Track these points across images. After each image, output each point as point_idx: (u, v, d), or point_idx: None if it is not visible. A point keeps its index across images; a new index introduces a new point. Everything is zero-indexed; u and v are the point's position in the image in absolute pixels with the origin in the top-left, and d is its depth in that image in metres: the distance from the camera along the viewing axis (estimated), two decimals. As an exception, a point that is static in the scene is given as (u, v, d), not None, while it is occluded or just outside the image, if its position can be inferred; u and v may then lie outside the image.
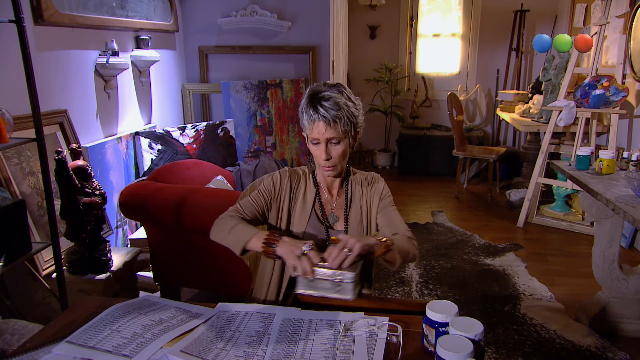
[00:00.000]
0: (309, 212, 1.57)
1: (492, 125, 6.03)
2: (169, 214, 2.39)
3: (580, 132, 3.81)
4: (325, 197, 1.61)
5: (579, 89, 3.71)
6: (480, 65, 5.93)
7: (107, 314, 1.20)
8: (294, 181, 1.61)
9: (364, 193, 1.62)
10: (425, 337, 1.12)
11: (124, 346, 1.07)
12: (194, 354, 1.06)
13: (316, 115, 1.42)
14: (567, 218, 4.17)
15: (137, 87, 3.65)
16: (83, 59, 2.98)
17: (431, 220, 4.29)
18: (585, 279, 3.18)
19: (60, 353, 1.05)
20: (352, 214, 1.59)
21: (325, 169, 1.51)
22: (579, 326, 2.64)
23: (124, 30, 3.41)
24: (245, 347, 1.11)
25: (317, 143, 1.47)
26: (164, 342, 1.09)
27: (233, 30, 4.41)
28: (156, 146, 3.58)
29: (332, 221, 1.59)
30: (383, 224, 1.58)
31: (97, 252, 2.48)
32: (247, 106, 4.35)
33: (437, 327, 1.08)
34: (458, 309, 1.09)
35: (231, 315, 1.26)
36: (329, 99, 1.42)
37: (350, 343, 1.13)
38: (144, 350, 1.05)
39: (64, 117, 2.81)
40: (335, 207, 1.61)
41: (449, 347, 0.96)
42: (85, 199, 2.39)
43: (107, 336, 1.10)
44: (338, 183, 1.61)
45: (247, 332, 1.18)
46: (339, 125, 1.43)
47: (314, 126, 1.43)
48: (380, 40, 6.01)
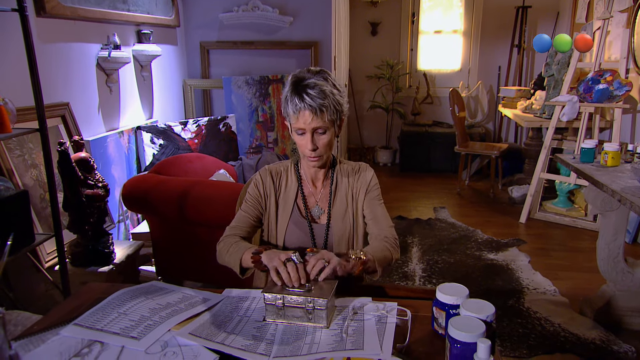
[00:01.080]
0: (291, 207, 1.54)
1: (493, 122, 6.03)
2: (172, 206, 2.39)
3: (583, 127, 3.80)
4: (309, 189, 1.57)
5: (582, 84, 3.71)
6: (481, 62, 5.92)
7: (114, 297, 1.19)
8: (275, 177, 1.57)
9: (350, 184, 1.57)
10: (436, 320, 1.11)
11: (131, 328, 1.06)
12: (202, 336, 1.05)
13: (302, 104, 1.37)
14: (569, 214, 4.16)
15: (138, 82, 3.64)
16: (85, 52, 2.98)
17: (433, 216, 4.28)
18: (589, 274, 3.18)
19: (68, 335, 1.04)
20: (337, 206, 1.54)
21: (310, 159, 1.47)
22: (584, 319, 2.63)
23: (125, 24, 3.41)
24: (253, 331, 1.11)
25: (303, 133, 1.42)
26: (172, 324, 1.09)
27: (234, 25, 4.40)
28: (158, 141, 3.57)
29: (317, 214, 1.55)
30: (369, 218, 1.54)
31: (100, 244, 2.47)
32: (248, 102, 4.34)
33: (448, 309, 1.07)
34: (468, 291, 1.09)
35: (239, 300, 1.26)
36: (314, 86, 1.37)
37: (360, 327, 1.12)
38: (152, 332, 1.04)
39: (66, 109, 2.80)
40: (320, 199, 1.56)
41: (460, 328, 0.95)
42: (88, 191, 2.39)
43: (115, 319, 1.10)
44: (323, 174, 1.57)
45: (255, 316, 1.17)
46: (325, 114, 1.38)
47: (300, 116, 1.38)
48: (381, 36, 6.00)
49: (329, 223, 1.53)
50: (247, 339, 1.07)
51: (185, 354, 0.98)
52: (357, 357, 0.98)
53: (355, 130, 6.15)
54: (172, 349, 1.00)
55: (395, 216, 4.18)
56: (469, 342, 0.93)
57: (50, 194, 2.14)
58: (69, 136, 2.78)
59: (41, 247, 2.39)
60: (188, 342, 1.03)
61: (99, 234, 2.48)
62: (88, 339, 1.03)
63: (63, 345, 1.01)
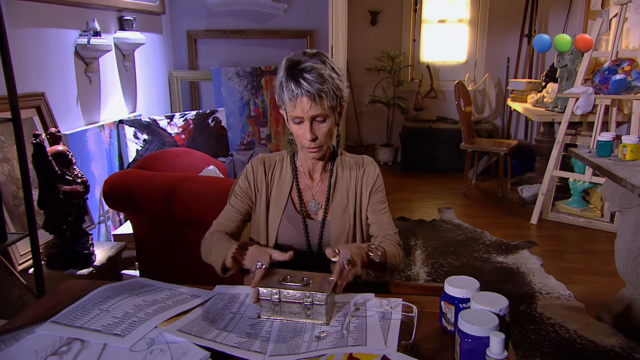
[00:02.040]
0: (285, 201, 1.52)
1: (502, 118, 6.05)
2: (157, 204, 2.37)
3: (599, 121, 3.81)
4: (305, 182, 1.55)
5: (598, 74, 3.72)
6: (489, 53, 5.94)
7: (95, 294, 1.18)
8: (269, 167, 1.55)
9: (351, 178, 1.54)
10: (444, 316, 1.10)
11: (114, 325, 1.05)
12: (192, 333, 1.04)
13: (299, 90, 1.33)
14: (584, 214, 4.17)
15: (120, 72, 3.63)
16: (62, 39, 2.96)
17: (438, 217, 4.29)
18: (606, 277, 3.18)
19: (44, 333, 1.03)
20: (336, 202, 1.52)
21: (309, 150, 1.44)
22: (602, 325, 2.63)
23: (106, 10, 3.39)
24: (247, 328, 1.10)
25: (300, 122, 1.40)
26: (159, 321, 1.08)
27: (224, 12, 4.40)
28: (142, 136, 3.55)
29: (313, 209, 1.53)
30: (373, 221, 1.53)
31: (79, 245, 2.45)
32: (239, 95, 4.34)
33: (457, 303, 1.07)
34: (479, 284, 1.08)
35: (231, 296, 1.25)
36: (311, 70, 1.34)
37: (362, 324, 1.11)
38: (137, 329, 1.03)
39: (42, 100, 2.78)
40: (317, 194, 1.54)
41: (471, 321, 0.94)
42: (65, 187, 2.37)
43: (96, 316, 1.08)
44: (321, 166, 1.54)
45: (248, 313, 1.17)
46: (324, 101, 1.35)
47: (297, 103, 1.36)
48: (381, 26, 6.01)
49: (324, 219, 1.51)
50: (241, 337, 1.06)
51: (173, 351, 0.97)
52: (360, 354, 0.98)
53: (354, 126, 6.15)
54: (159, 346, 0.99)
55: (397, 217, 4.17)
56: (481, 336, 0.92)
57: (24, 190, 2.13)
58: (45, 129, 2.76)
59: (14, 247, 2.37)
60: (176, 339, 1.02)
61: (77, 234, 2.47)
62: (67, 337, 1.01)
63: (39, 344, 0.99)
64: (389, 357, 0.97)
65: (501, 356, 0.89)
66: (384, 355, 0.98)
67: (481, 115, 5.98)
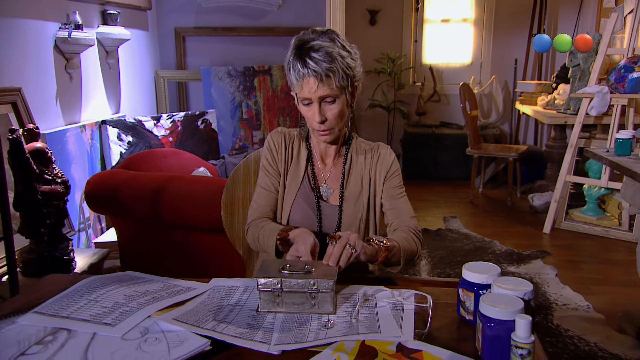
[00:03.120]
0: (301, 179, 1.56)
1: (510, 123, 6.08)
2: (144, 205, 2.36)
3: (615, 122, 3.84)
4: (318, 166, 1.58)
5: (614, 72, 3.76)
6: (495, 55, 5.99)
7: (81, 285, 1.16)
8: (289, 141, 1.59)
9: (366, 163, 1.56)
10: (462, 305, 1.09)
11: (104, 315, 1.03)
12: (189, 322, 1.02)
13: (305, 70, 1.37)
14: (601, 223, 4.18)
15: (103, 70, 3.62)
16: (40, 31, 2.96)
17: (443, 226, 4.28)
18: (627, 288, 3.18)
19: (27, 323, 1.01)
20: (350, 188, 1.55)
21: (320, 133, 1.47)
22: (624, 338, 2.62)
23: (88, 2, 3.40)
24: (248, 319, 1.08)
25: (309, 103, 1.43)
26: (152, 311, 1.06)
27: (215, 8, 4.42)
28: (126, 137, 3.54)
29: (325, 194, 1.56)
30: (388, 207, 1.55)
31: (58, 250, 2.42)
32: (231, 96, 4.34)
33: (477, 290, 1.05)
34: (500, 270, 1.07)
35: (228, 289, 1.23)
36: (319, 49, 1.37)
37: (373, 314, 1.10)
38: (129, 319, 1.01)
39: (18, 95, 2.77)
40: (330, 179, 1.57)
41: (495, 304, 0.93)
42: (44, 187, 2.35)
43: (84, 306, 1.06)
44: (334, 150, 1.57)
45: (249, 305, 1.15)
46: (332, 80, 1.38)
47: (304, 83, 1.39)
48: (381, 26, 6.06)
49: (341, 207, 1.53)
50: (242, 327, 1.04)
51: (169, 339, 0.95)
52: (374, 341, 0.96)
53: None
54: (153, 335, 0.97)
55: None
56: (506, 319, 0.91)
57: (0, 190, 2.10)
58: (21, 126, 2.74)
59: (-13, 253, 2.34)
60: (172, 327, 1.00)
61: (56, 238, 2.44)
62: (52, 327, 0.99)
63: (21, 334, 0.97)
64: (405, 344, 0.96)
65: (528, 340, 0.88)
66: (400, 342, 0.96)
67: (487, 120, 6.02)
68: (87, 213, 3.28)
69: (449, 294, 1.18)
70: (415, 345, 0.95)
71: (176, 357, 0.89)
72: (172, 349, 0.92)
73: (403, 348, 0.94)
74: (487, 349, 0.93)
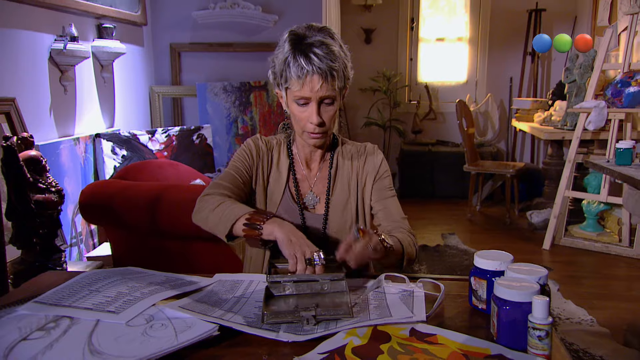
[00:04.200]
0: (282, 189, 1.47)
1: (506, 141, 6.12)
2: (141, 214, 2.33)
3: (613, 136, 3.88)
4: (302, 172, 1.51)
5: (610, 87, 3.81)
6: (490, 73, 6.07)
7: (82, 277, 1.14)
8: (269, 148, 1.52)
9: (353, 168, 1.50)
10: (474, 294, 1.08)
11: (107, 304, 1.01)
12: (195, 310, 1.01)
13: (310, 67, 1.29)
14: (601, 239, 4.18)
15: (98, 83, 3.63)
16: (36, 42, 2.97)
17: (442, 242, 4.27)
18: (631, 303, 3.17)
19: (27, 312, 0.99)
20: (336, 195, 1.48)
21: (313, 135, 1.40)
22: (631, 351, 2.60)
23: (84, 16, 3.43)
24: (255, 310, 1.06)
25: (305, 103, 1.35)
26: (156, 300, 1.04)
27: (211, 24, 4.47)
28: (120, 151, 3.53)
29: (310, 203, 1.48)
30: (378, 209, 1.49)
31: (50, 261, 2.39)
32: (226, 111, 4.36)
33: (490, 277, 1.05)
34: (513, 257, 1.07)
35: (233, 283, 1.22)
36: (321, 45, 1.31)
37: (382, 302, 1.09)
38: (134, 307, 1.00)
39: (12, 106, 2.76)
40: (316, 186, 1.50)
41: (510, 286, 0.93)
42: (38, 196, 2.33)
43: (86, 296, 1.05)
44: (319, 155, 1.51)
45: (255, 297, 1.13)
46: (335, 81, 1.33)
47: (306, 81, 1.31)
48: (376, 45, 6.13)
49: (327, 215, 1.46)
50: (249, 317, 1.02)
51: (176, 325, 0.94)
52: (386, 326, 0.95)
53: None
54: (159, 321, 0.95)
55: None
56: (522, 302, 0.90)
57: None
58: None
59: (-21, 263, 2.30)
60: (179, 314, 0.98)
61: (49, 249, 2.41)
62: (53, 315, 0.97)
63: (22, 321, 0.95)
64: (418, 329, 0.94)
65: (546, 321, 0.87)
66: (413, 327, 0.95)
67: (484, 138, 6.06)
68: (79, 228, 3.25)
69: (459, 286, 1.18)
70: (429, 330, 0.94)
71: (184, 340, 0.88)
72: (179, 334, 0.90)
73: (416, 332, 0.93)
74: (503, 333, 0.92)
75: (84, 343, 0.87)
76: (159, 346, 0.86)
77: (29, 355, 0.83)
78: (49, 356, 0.83)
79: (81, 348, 0.85)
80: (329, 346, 0.89)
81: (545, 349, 0.87)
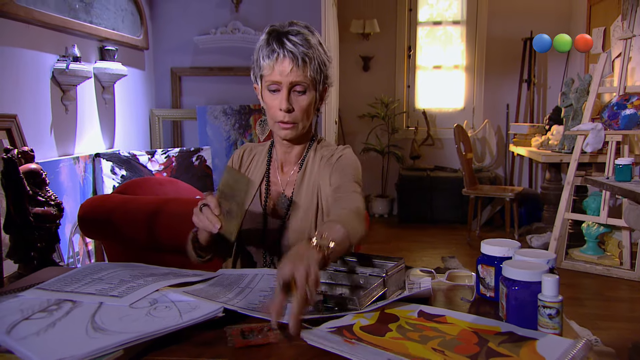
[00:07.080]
0: (254, 192, 1.46)
1: (504, 166, 6.15)
2: (140, 228, 2.32)
3: (611, 158, 3.90)
4: (277, 176, 1.48)
5: (606, 109, 3.85)
6: (487, 100, 6.14)
7: (85, 267, 1.13)
8: (247, 158, 1.53)
9: (319, 170, 1.44)
10: (482, 282, 1.07)
11: (110, 289, 1.00)
12: (200, 295, 0.99)
13: (281, 50, 1.28)
14: (601, 262, 4.16)
15: (99, 104, 3.66)
16: (39, 62, 3.00)
17: (442, 265, 4.25)
18: (634, 323, 3.15)
19: (30, 297, 0.98)
20: (302, 199, 1.42)
21: (282, 125, 1.35)
22: (635, 369, 2.57)
23: (87, 38, 3.47)
24: (260, 298, 1.05)
25: (277, 90, 1.33)
26: (160, 287, 1.03)
27: (211, 49, 4.53)
28: (120, 171, 3.54)
29: (282, 206, 1.44)
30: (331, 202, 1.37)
31: (48, 276, 2.36)
32: (226, 134, 4.38)
33: (498, 264, 1.04)
34: (520, 244, 1.06)
35: (237, 276, 1.20)
36: (297, 34, 1.31)
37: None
38: (137, 291, 0.98)
39: (13, 122, 2.78)
40: (287, 189, 1.46)
41: (519, 267, 0.92)
42: (37, 209, 2.32)
43: (88, 283, 1.03)
44: (294, 157, 1.47)
45: (260, 287, 1.12)
46: (307, 68, 1.30)
47: (276, 64, 1.29)
48: (374, 72, 6.22)
49: (287, 219, 1.42)
50: (254, 303, 1.01)
51: (180, 307, 0.92)
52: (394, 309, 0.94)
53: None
54: (163, 304, 0.94)
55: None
56: (531, 281, 0.90)
57: (-8, 208, 2.07)
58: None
59: (-25, 276, 2.27)
60: (183, 297, 0.97)
61: (46, 263, 2.38)
62: (55, 299, 0.96)
63: (24, 304, 0.94)
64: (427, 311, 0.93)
65: (556, 299, 0.86)
66: (421, 309, 0.94)
67: (482, 164, 6.09)
68: (76, 247, 3.23)
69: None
70: (437, 312, 0.93)
71: (189, 319, 0.86)
72: (183, 314, 0.89)
73: (425, 314, 0.92)
74: (512, 314, 0.91)
75: (87, 322, 0.85)
76: (163, 324, 0.84)
77: (31, 331, 0.81)
78: (52, 333, 0.82)
79: (84, 326, 0.83)
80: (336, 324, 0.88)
81: (556, 327, 0.86)
